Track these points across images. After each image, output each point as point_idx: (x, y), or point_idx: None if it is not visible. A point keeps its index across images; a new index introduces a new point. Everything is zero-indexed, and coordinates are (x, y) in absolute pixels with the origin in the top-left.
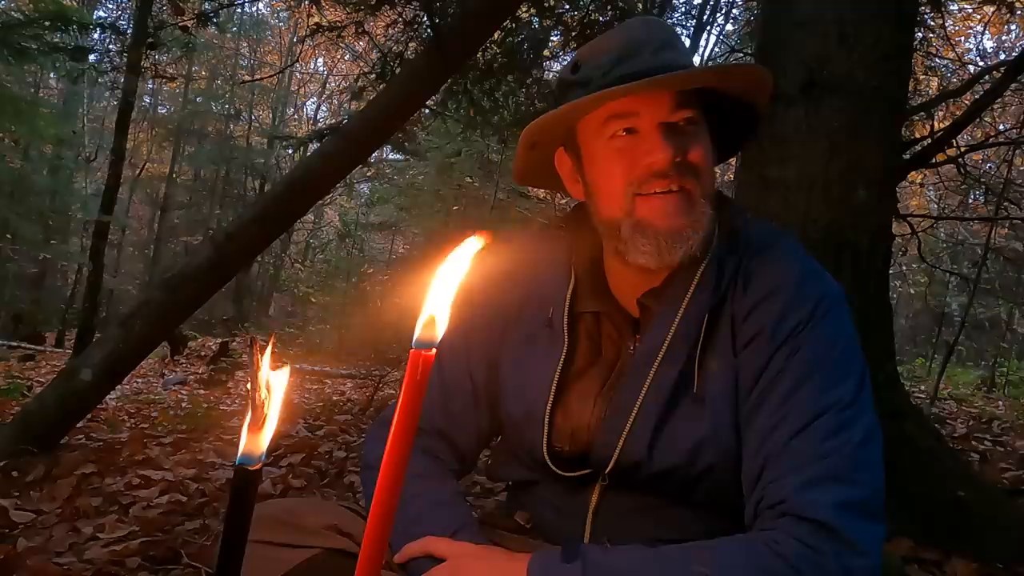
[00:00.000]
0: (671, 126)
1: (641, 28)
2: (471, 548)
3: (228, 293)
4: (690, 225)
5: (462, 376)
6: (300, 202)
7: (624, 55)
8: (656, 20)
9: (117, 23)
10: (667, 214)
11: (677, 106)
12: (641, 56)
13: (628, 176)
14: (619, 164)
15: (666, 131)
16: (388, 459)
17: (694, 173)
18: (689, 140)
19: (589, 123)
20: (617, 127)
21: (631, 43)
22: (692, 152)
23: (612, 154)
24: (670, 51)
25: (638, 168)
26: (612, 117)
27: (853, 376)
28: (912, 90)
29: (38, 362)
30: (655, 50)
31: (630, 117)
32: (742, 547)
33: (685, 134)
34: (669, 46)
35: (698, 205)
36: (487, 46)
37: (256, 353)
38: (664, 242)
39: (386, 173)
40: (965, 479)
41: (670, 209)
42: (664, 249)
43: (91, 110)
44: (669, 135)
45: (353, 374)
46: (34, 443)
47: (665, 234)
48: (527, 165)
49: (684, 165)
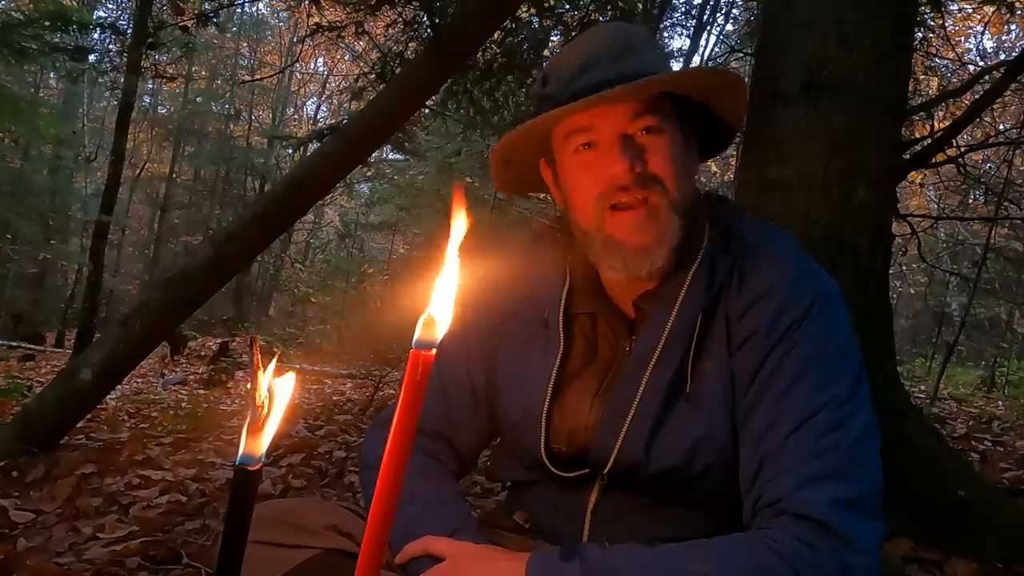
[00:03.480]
0: (628, 137)
1: (600, 37)
2: (471, 548)
3: (228, 293)
4: (655, 240)
5: (461, 378)
6: (300, 202)
7: (582, 67)
8: (619, 26)
9: (117, 23)
10: (631, 231)
11: (636, 115)
12: (597, 67)
13: (594, 190)
14: (585, 178)
15: (623, 143)
16: (388, 459)
17: (657, 182)
18: (650, 149)
19: (557, 137)
20: (577, 142)
21: (589, 54)
22: (652, 162)
23: (578, 168)
24: (629, 58)
25: (601, 181)
26: (572, 132)
27: (849, 373)
28: (912, 90)
29: (38, 362)
30: (612, 59)
31: (587, 132)
32: (740, 546)
33: (645, 143)
34: (629, 53)
35: (663, 218)
36: (487, 46)
37: (256, 353)
38: (630, 258)
39: (386, 173)
40: (965, 479)
41: (633, 226)
42: (631, 264)
43: (91, 110)
44: (627, 147)
45: (353, 374)
46: (34, 443)
47: (631, 251)
48: (506, 179)
49: (645, 176)
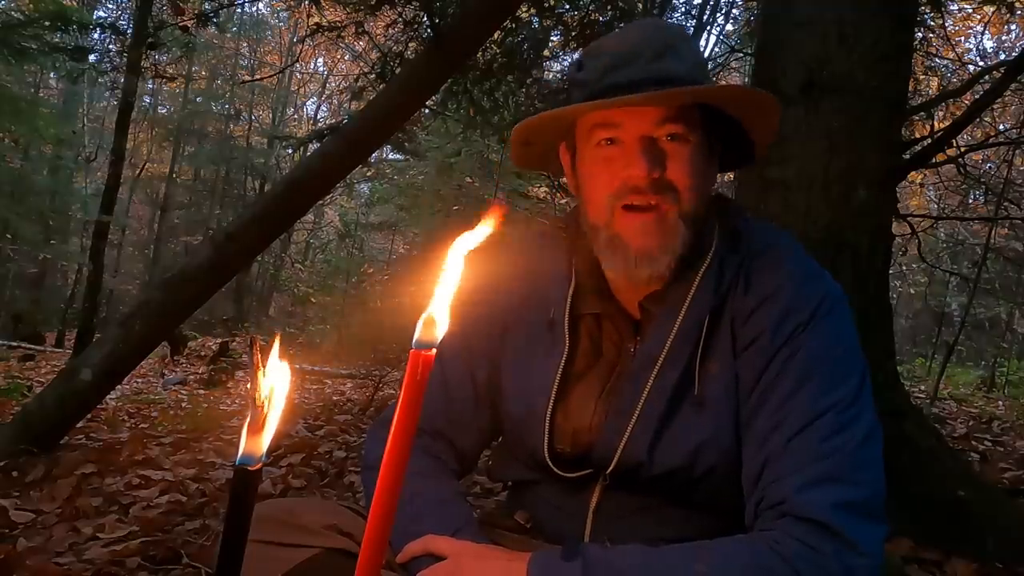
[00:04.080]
0: (652, 141)
1: (641, 33)
2: (472, 547)
3: (228, 293)
4: (659, 247)
5: (463, 377)
6: (300, 202)
7: (619, 62)
8: (661, 24)
9: (117, 23)
10: (639, 233)
11: (663, 120)
12: (636, 64)
13: (609, 187)
14: (603, 173)
15: (646, 146)
16: (388, 459)
17: (672, 191)
18: (671, 156)
19: (582, 127)
20: (601, 136)
21: (628, 49)
22: (672, 169)
23: (597, 162)
24: (669, 59)
25: (617, 180)
26: (597, 126)
27: (854, 376)
28: (912, 90)
29: (38, 362)
30: (651, 58)
31: (613, 128)
32: (742, 547)
33: (668, 150)
34: (670, 53)
35: (671, 227)
36: (487, 46)
37: (256, 353)
38: (633, 260)
39: (386, 173)
40: (965, 479)
41: (642, 229)
42: (632, 267)
43: (91, 110)
44: (648, 150)
45: (353, 374)
46: (34, 443)
47: (634, 253)
48: (524, 157)
49: (662, 182)
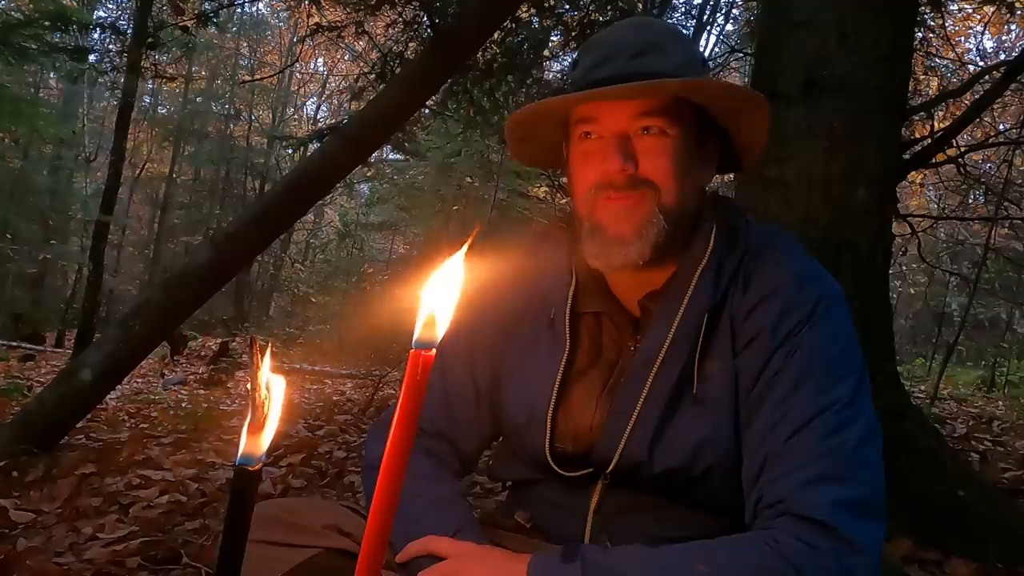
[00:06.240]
0: (626, 137)
1: (627, 30)
2: (472, 548)
3: (228, 293)
4: (634, 232)
5: (464, 377)
6: (300, 202)
7: (601, 59)
8: (649, 21)
9: (117, 23)
10: (613, 218)
11: (639, 114)
12: (617, 60)
13: (590, 180)
14: (584, 166)
15: (619, 141)
16: (388, 459)
17: (650, 186)
18: (647, 151)
19: (571, 122)
20: (582, 130)
21: (613, 46)
22: (646, 164)
23: (580, 155)
24: (652, 56)
25: (596, 173)
26: (579, 120)
27: (852, 376)
28: (912, 90)
29: (38, 362)
30: (632, 54)
31: (591, 122)
32: (742, 546)
33: (643, 145)
34: (654, 50)
35: (647, 216)
36: (487, 46)
37: (256, 353)
38: (608, 246)
39: (386, 173)
40: (965, 479)
41: (617, 213)
42: (608, 253)
43: (91, 110)
44: (622, 146)
45: (353, 374)
46: (34, 443)
47: (610, 238)
48: (523, 152)
49: (637, 179)
